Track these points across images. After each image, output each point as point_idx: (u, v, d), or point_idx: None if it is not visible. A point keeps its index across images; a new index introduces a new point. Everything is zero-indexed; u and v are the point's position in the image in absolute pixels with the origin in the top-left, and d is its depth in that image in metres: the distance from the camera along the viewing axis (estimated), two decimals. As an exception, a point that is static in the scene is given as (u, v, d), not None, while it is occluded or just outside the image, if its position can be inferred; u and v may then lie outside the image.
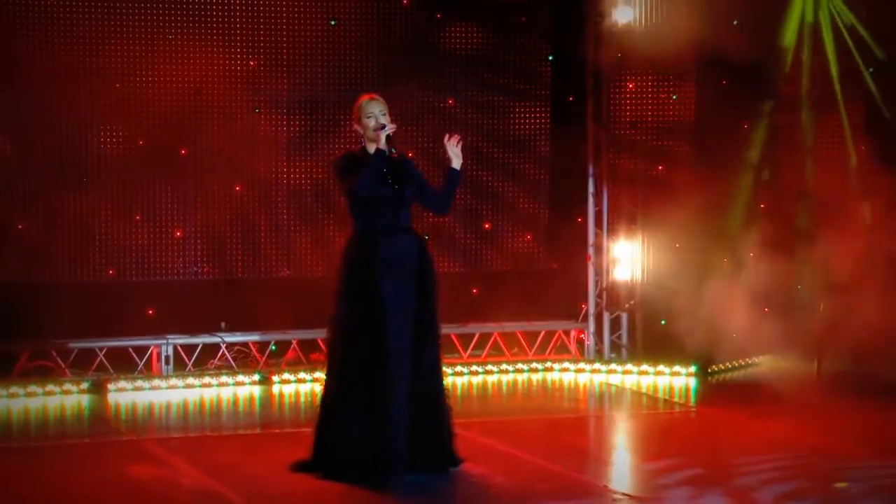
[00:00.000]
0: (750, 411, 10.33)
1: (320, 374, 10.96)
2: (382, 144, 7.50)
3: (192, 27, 11.33)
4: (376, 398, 7.46)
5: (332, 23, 11.62)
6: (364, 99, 7.79)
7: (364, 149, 7.70)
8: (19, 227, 10.40)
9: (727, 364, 11.67)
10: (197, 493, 7.33)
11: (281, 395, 11.05)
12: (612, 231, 11.69)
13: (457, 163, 7.74)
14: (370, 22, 11.67)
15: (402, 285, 7.55)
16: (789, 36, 12.11)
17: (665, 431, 9.82)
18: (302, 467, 7.55)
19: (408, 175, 7.76)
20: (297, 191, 11.91)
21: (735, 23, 11.71)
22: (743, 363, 11.91)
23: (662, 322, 11.49)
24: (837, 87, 11.95)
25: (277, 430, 9.71)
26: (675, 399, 10.64)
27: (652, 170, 11.72)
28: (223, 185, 11.58)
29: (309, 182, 11.88)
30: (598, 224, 11.59)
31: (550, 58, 12.35)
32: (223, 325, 11.46)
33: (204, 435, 9.54)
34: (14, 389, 10.48)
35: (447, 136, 7.78)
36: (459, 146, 7.73)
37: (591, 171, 11.65)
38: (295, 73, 11.65)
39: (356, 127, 7.76)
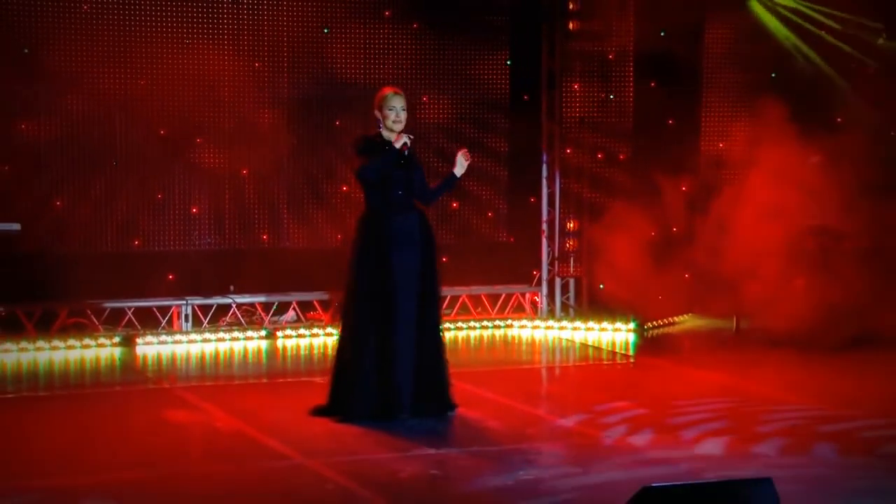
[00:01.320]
0: (683, 362, 10.45)
1: (318, 331, 11.34)
2: (398, 146, 7.48)
3: (206, 34, 11.24)
4: (384, 353, 7.48)
5: (325, 31, 11.54)
6: (388, 91, 7.72)
7: (380, 135, 7.66)
8: (57, 203, 10.36)
9: (659, 321, 11.79)
10: (233, 435, 7.33)
11: (285, 348, 11.02)
12: (562, 210, 11.76)
13: (459, 171, 7.77)
14: (356, 30, 11.59)
15: (408, 255, 7.56)
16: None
17: (612, 379, 9.89)
18: (320, 412, 7.57)
19: (415, 163, 7.74)
20: (293, 175, 11.87)
21: (662, 34, 11.82)
22: (671, 321, 11.97)
23: (601, 286, 11.58)
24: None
25: (290, 379, 9.67)
26: (618, 351, 10.72)
27: (595, 158, 11.73)
28: (232, 169, 11.52)
29: (303, 167, 11.84)
30: (551, 204, 11.69)
31: (508, 62, 12.37)
32: (231, 288, 11.44)
33: (227, 383, 9.54)
34: (55, 343, 10.48)
35: (461, 149, 7.80)
36: (468, 161, 7.76)
37: (544, 158, 11.71)
38: (293, 73, 11.60)
39: (376, 113, 7.67)
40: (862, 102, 12.07)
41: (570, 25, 12.08)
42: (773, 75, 12.17)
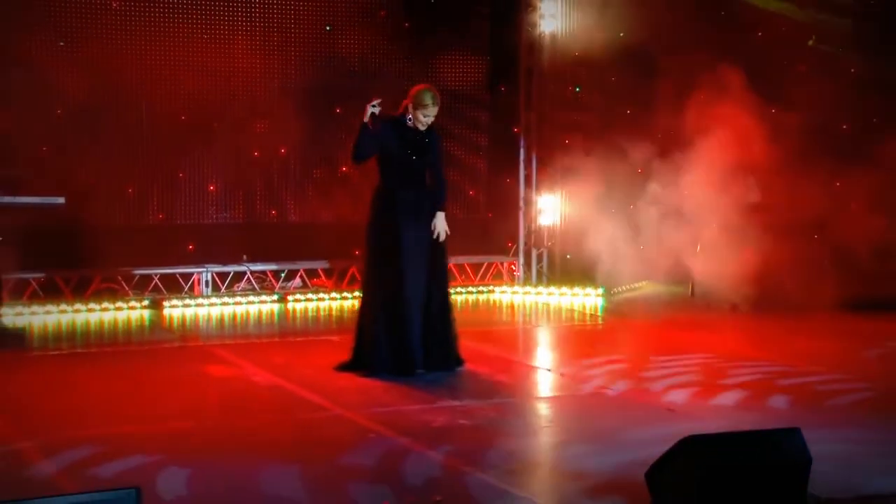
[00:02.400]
0: (649, 322, 10.52)
1: (323, 295, 11.37)
2: (367, 118, 7.36)
3: (223, 33, 11.22)
4: (396, 315, 7.45)
5: (328, 28, 11.55)
6: (421, 88, 7.50)
7: (397, 117, 7.46)
8: (91, 181, 10.28)
9: (623, 287, 11.85)
10: (271, 388, 7.30)
11: (295, 311, 11.03)
12: (537, 188, 11.81)
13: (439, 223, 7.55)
14: (354, 28, 11.61)
15: (416, 228, 7.50)
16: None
17: (589, 337, 9.92)
18: (344, 367, 7.57)
19: (429, 147, 7.56)
20: (301, 156, 11.82)
21: (621, 35, 11.82)
22: (634, 286, 12.06)
23: (568, 256, 11.59)
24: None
25: (310, 338, 9.60)
26: (588, 313, 10.81)
27: (565, 144, 11.68)
28: (245, 151, 11.51)
29: (309, 149, 11.77)
30: (528, 184, 11.74)
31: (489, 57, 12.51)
32: (244, 257, 11.47)
33: (254, 341, 9.49)
34: (91, 305, 10.56)
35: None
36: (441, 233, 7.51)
37: (522, 143, 11.74)
38: (300, 65, 11.55)
39: (412, 110, 7.37)
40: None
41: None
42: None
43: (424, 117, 7.45)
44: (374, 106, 7.39)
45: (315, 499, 5.11)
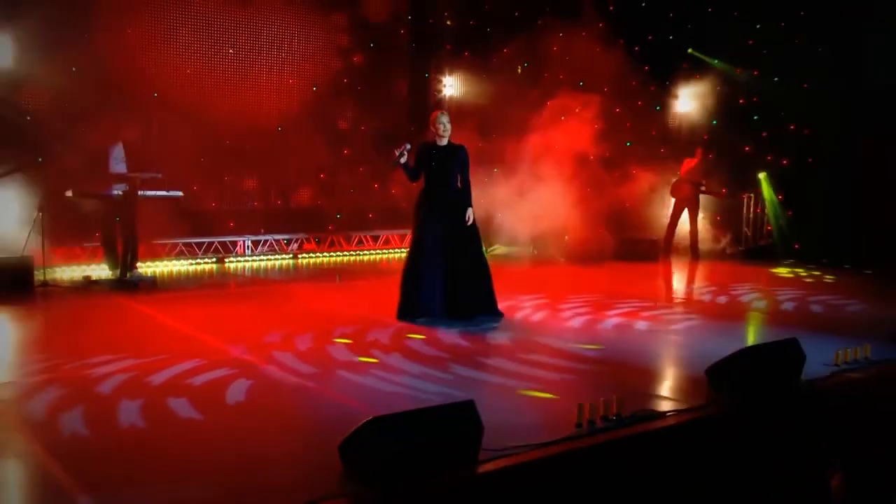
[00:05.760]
0: (511, 269, 10.49)
1: (327, 254, 12.21)
2: (403, 160, 7.01)
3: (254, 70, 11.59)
4: (415, 277, 7.10)
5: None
6: (436, 113, 7.23)
7: (435, 142, 7.12)
8: (159, 175, 9.26)
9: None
10: (334, 313, 7.23)
11: (308, 265, 11.53)
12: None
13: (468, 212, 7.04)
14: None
15: (438, 216, 7.07)
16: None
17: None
18: (399, 315, 7.07)
19: (454, 158, 7.11)
20: (315, 157, 12.18)
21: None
22: (492, 248, 12.07)
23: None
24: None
25: (339, 283, 9.56)
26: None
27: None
28: (270, 156, 12.01)
29: (321, 150, 12.12)
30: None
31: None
32: (262, 230, 12.01)
33: (310, 283, 9.61)
34: (174, 262, 11.16)
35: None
36: (470, 219, 7.08)
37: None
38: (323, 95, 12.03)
39: (432, 128, 7.13)
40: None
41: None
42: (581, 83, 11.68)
43: (442, 132, 7.02)
44: (401, 154, 6.92)
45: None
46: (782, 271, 10.72)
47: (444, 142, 7.03)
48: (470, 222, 6.97)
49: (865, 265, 10.77)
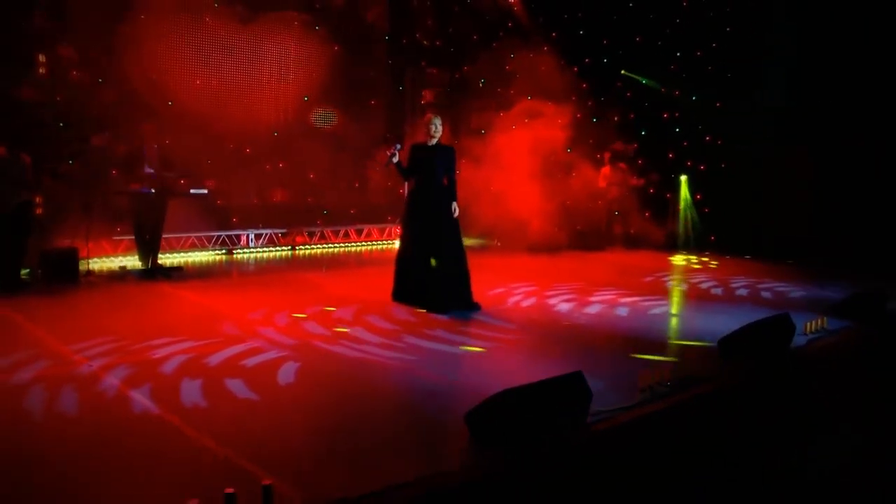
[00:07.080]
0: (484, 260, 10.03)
1: (321, 246, 11.98)
2: (395, 160, 6.77)
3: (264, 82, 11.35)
4: (404, 267, 6.96)
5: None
6: (431, 115, 6.96)
7: (425, 143, 6.84)
8: (181, 182, 9.23)
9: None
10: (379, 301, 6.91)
11: (303, 255, 11.31)
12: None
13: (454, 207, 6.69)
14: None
15: (423, 212, 6.80)
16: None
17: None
18: (393, 297, 6.97)
19: (440, 158, 6.76)
20: (314, 160, 12.09)
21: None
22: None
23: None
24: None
25: (337, 270, 9.40)
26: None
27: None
28: (275, 161, 11.87)
29: (318, 154, 12.07)
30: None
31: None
32: (260, 225, 11.77)
33: (317, 271, 9.30)
34: (185, 254, 10.85)
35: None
36: (455, 213, 6.77)
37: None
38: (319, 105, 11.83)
39: (424, 129, 6.84)
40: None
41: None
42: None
43: (433, 132, 6.72)
44: (393, 155, 6.68)
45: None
46: (678, 259, 10.88)
47: (434, 142, 6.70)
48: (456, 215, 6.68)
49: (767, 254, 11.01)
